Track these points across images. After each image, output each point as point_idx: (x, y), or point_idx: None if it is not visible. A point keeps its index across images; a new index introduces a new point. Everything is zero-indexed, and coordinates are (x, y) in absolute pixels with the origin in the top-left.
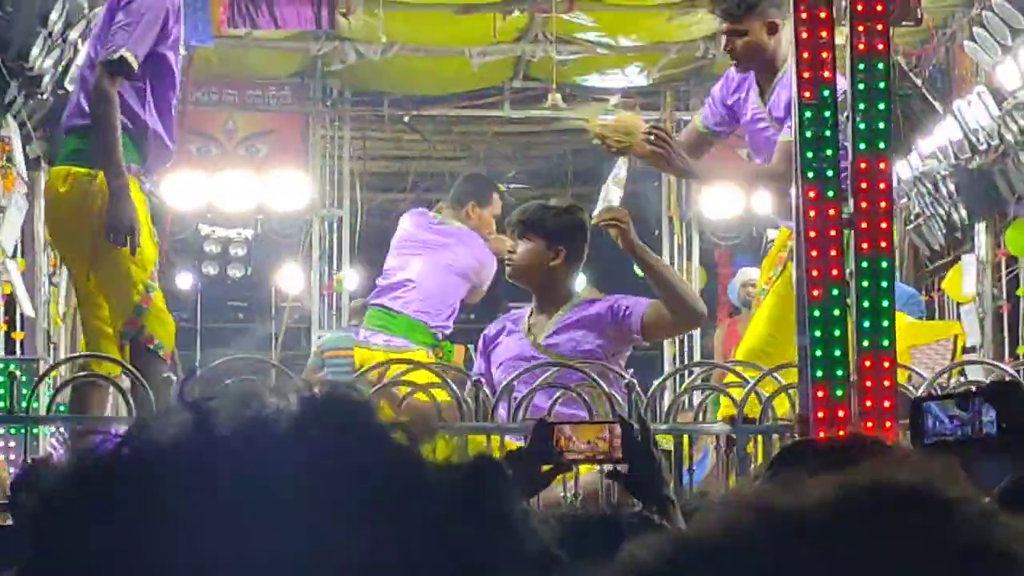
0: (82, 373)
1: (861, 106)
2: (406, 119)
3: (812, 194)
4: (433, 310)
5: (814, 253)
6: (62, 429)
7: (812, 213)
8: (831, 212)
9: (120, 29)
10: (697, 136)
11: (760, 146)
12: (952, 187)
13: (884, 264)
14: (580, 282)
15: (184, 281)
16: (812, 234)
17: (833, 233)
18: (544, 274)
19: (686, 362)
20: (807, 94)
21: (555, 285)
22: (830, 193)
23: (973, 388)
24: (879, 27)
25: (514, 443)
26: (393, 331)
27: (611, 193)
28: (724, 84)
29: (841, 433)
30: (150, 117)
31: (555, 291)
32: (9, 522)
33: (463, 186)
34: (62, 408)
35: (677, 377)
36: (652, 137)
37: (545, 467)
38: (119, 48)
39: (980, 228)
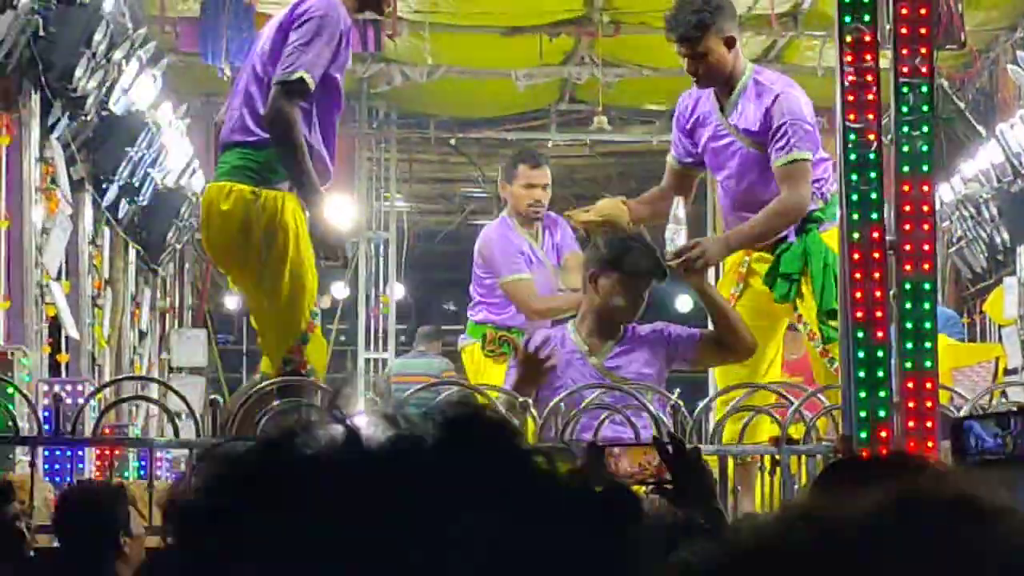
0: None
1: (905, 129)
2: (452, 141)
3: (856, 216)
4: (470, 303)
5: (858, 275)
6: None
7: (856, 235)
8: (875, 235)
9: (297, 48)
10: (676, 175)
11: (725, 162)
12: (994, 210)
13: (927, 286)
14: None
15: (231, 303)
16: (856, 256)
17: (876, 255)
18: (612, 308)
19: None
20: (852, 117)
21: (617, 313)
22: (874, 216)
23: (1014, 408)
24: (923, 51)
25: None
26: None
27: (677, 234)
28: (679, 114)
29: (883, 452)
30: (315, 139)
31: (616, 319)
32: (55, 543)
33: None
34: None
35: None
36: (680, 262)
37: None
38: (297, 69)
39: (1022, 251)
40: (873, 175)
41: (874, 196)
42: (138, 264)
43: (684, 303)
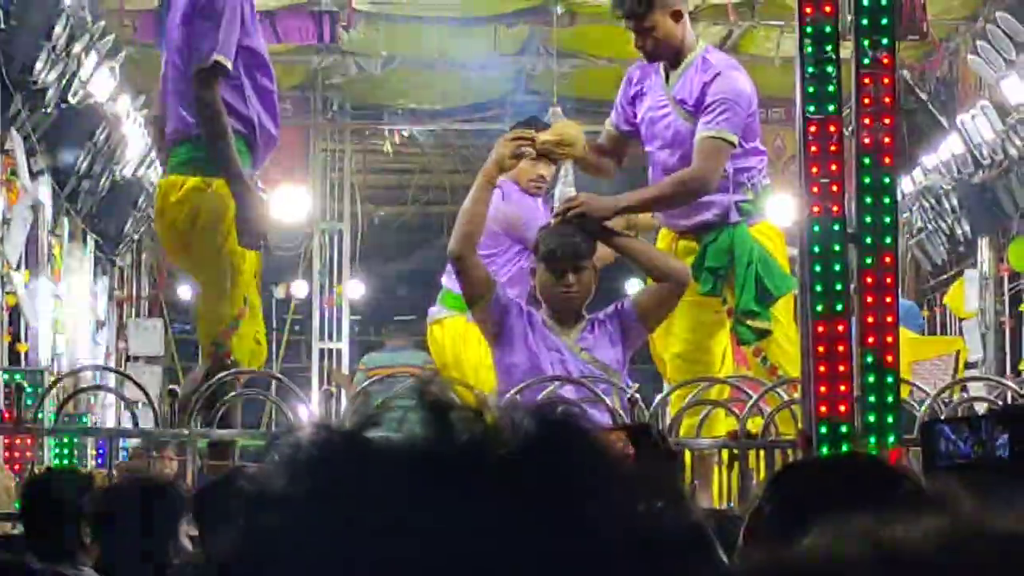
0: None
1: (866, 121)
2: (406, 133)
3: (816, 209)
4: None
5: (818, 268)
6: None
7: (816, 228)
8: (835, 227)
9: (204, 36)
10: (611, 140)
11: (660, 132)
12: (955, 202)
13: (888, 279)
14: None
15: (185, 292)
16: (816, 249)
17: (837, 248)
18: (548, 295)
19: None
20: (812, 108)
21: (555, 300)
22: (834, 208)
23: (985, 412)
24: (885, 41)
25: None
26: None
27: (565, 194)
28: (626, 82)
29: (844, 450)
30: (254, 110)
31: (562, 305)
32: (15, 531)
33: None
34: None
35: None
36: (568, 213)
37: None
38: (211, 54)
39: (983, 243)
40: (834, 167)
41: (835, 188)
42: (96, 254)
43: (634, 287)
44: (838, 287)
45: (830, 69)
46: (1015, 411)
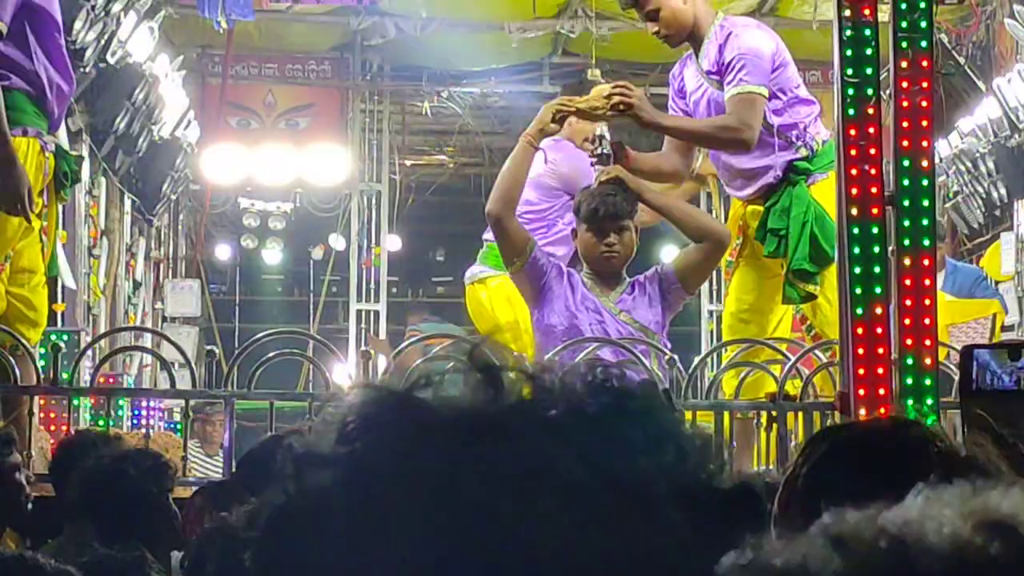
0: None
1: (904, 84)
2: (444, 94)
3: (854, 171)
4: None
5: (856, 230)
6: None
7: (854, 190)
8: (873, 190)
9: None
10: (672, 141)
11: (700, 108)
12: (991, 165)
13: (926, 242)
14: None
15: (223, 253)
16: (854, 211)
17: (875, 211)
18: (590, 256)
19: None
20: (850, 72)
21: (596, 261)
22: (872, 171)
23: None
24: (923, 5)
25: None
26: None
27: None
28: (671, 82)
29: (882, 413)
30: (41, 67)
31: (603, 266)
32: (51, 492)
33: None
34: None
35: (715, 355)
36: (616, 90)
37: None
38: None
39: (1019, 206)
40: (871, 131)
41: (872, 151)
42: (133, 215)
43: (669, 253)
44: (875, 249)
45: (868, 32)
46: None
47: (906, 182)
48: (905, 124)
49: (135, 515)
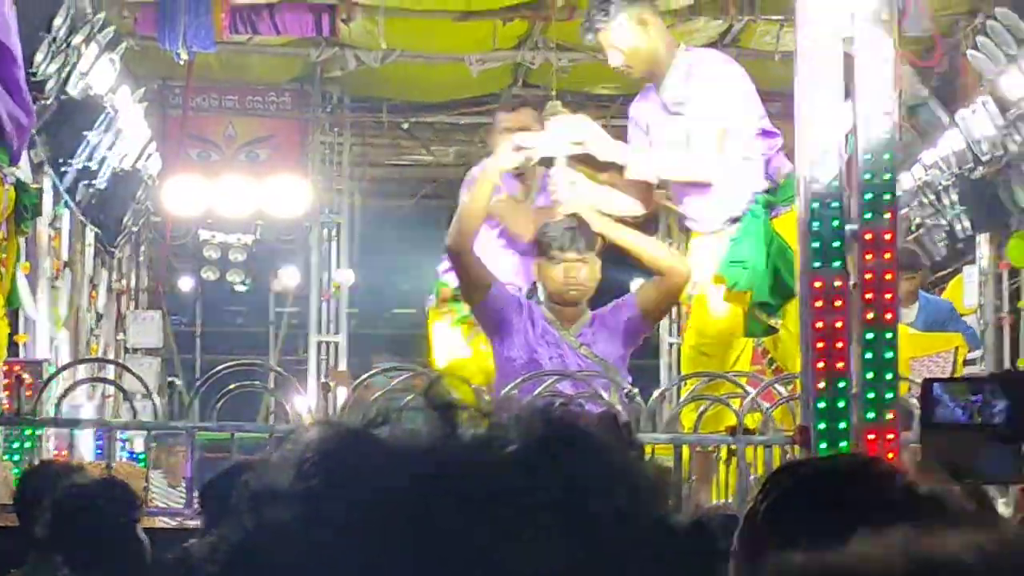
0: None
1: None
2: (405, 126)
3: (816, 205)
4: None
5: (817, 265)
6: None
7: (815, 224)
8: (834, 223)
9: None
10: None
11: (661, 137)
12: (955, 197)
13: (888, 275)
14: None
15: (184, 284)
16: (816, 245)
17: (836, 244)
18: (551, 290)
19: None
20: (810, 22)
21: (558, 294)
22: (834, 204)
23: (986, 375)
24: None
25: None
26: None
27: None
28: (631, 123)
29: (841, 446)
30: (2, 102)
31: (565, 299)
32: (13, 524)
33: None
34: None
35: (675, 388)
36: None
37: None
38: None
39: (982, 239)
40: (833, 163)
41: (835, 184)
42: (96, 246)
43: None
44: (837, 283)
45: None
46: (1014, 377)
47: (869, 215)
48: (868, 157)
49: (104, 544)
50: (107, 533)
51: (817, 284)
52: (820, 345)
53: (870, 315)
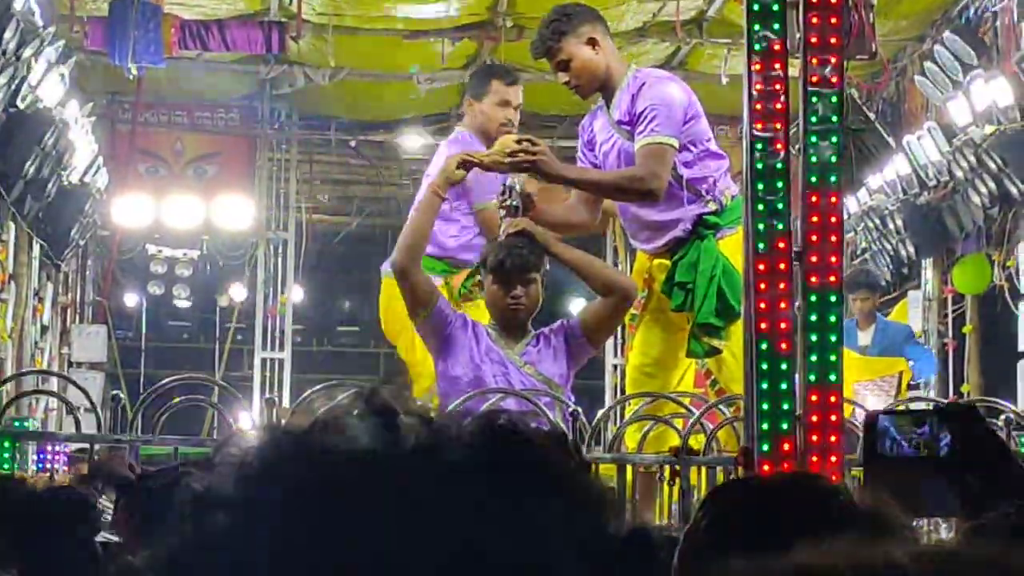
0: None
1: (813, 139)
2: (353, 143)
3: (761, 226)
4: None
5: (762, 286)
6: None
7: (761, 245)
8: (780, 245)
9: None
10: (583, 195)
11: (611, 164)
12: (900, 223)
13: (833, 298)
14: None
15: (130, 299)
16: (761, 267)
17: (782, 266)
18: (496, 307)
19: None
20: (759, 126)
21: (502, 312)
22: (779, 226)
23: (931, 408)
24: (833, 60)
25: None
26: None
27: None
28: (580, 133)
29: (785, 468)
30: None
31: (509, 317)
32: None
33: (466, 85)
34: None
35: (619, 408)
36: (519, 146)
37: None
38: None
39: (927, 264)
40: (780, 185)
41: (780, 207)
42: (42, 259)
43: (578, 306)
44: (782, 305)
45: (778, 87)
46: (959, 410)
47: (814, 238)
48: (813, 179)
49: (63, 558)
50: (66, 546)
51: (762, 305)
52: (764, 367)
53: (814, 336)
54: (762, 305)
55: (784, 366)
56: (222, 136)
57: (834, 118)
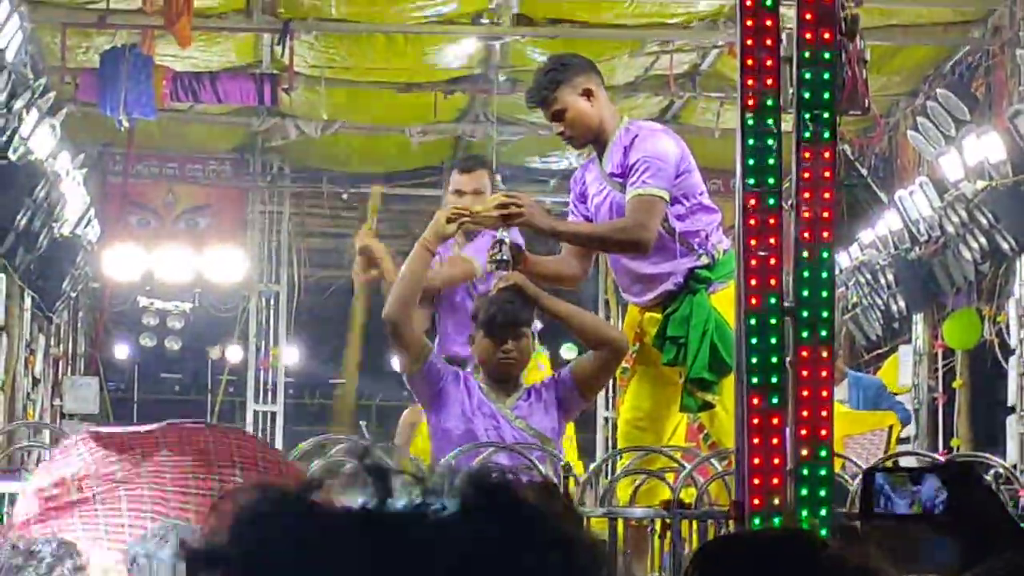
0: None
1: (806, 195)
2: (345, 196)
3: (754, 282)
4: None
5: (754, 341)
6: None
7: (753, 301)
8: (772, 300)
9: None
10: (573, 249)
11: (602, 216)
12: (891, 277)
13: (824, 353)
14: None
15: (121, 351)
16: (753, 322)
17: (774, 321)
18: (486, 361)
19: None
20: (752, 181)
21: (493, 366)
22: (772, 281)
23: (927, 466)
24: (826, 115)
25: None
26: None
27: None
28: (572, 186)
29: (776, 522)
30: None
31: (500, 371)
32: None
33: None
34: None
35: (610, 462)
36: (506, 200)
37: None
38: None
39: (918, 319)
40: (772, 240)
41: (772, 262)
42: (33, 311)
43: (569, 352)
44: (774, 360)
45: (771, 142)
46: (956, 468)
47: (806, 293)
48: (806, 235)
49: None
50: None
51: (754, 360)
52: (756, 421)
53: (805, 392)
54: (754, 360)
55: (775, 421)
56: (214, 188)
57: (826, 174)
